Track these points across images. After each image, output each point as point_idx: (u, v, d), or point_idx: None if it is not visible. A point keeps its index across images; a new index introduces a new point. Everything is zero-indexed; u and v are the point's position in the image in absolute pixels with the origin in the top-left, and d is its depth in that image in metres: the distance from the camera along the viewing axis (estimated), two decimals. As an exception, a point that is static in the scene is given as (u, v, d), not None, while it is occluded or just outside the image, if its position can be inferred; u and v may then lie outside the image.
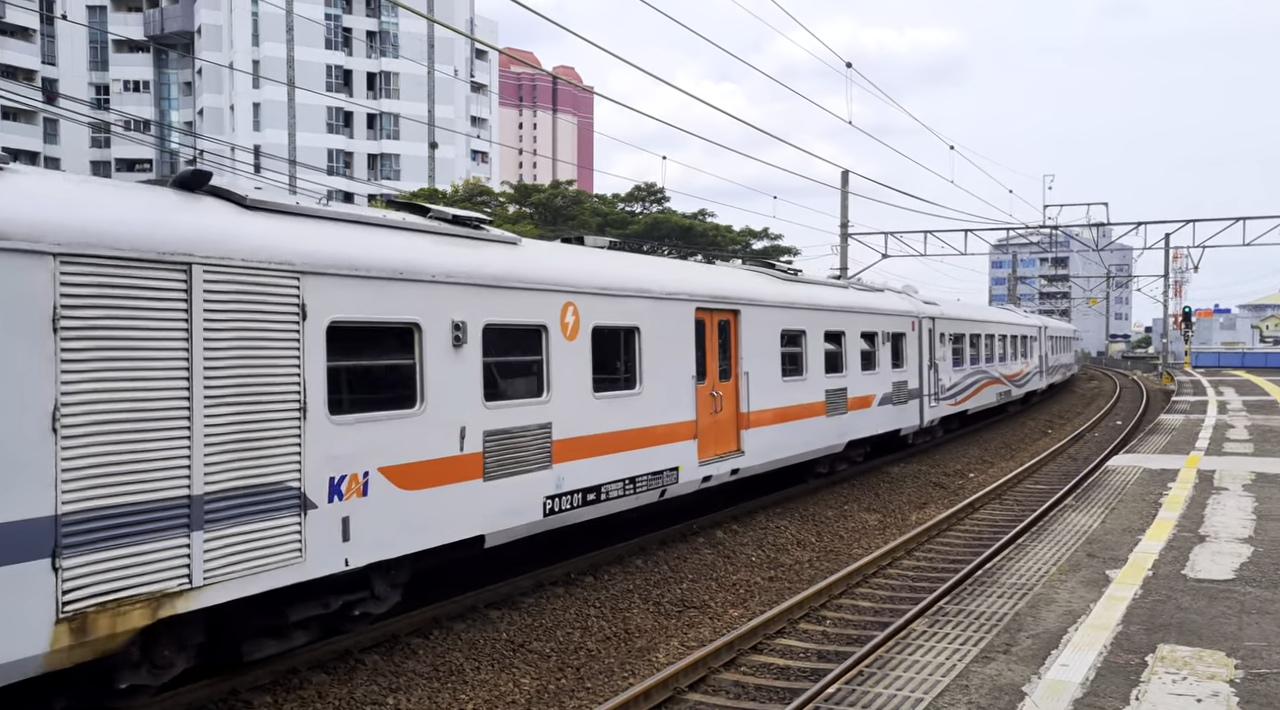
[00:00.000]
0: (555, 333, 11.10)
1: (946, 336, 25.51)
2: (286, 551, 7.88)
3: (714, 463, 14.33)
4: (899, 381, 21.61)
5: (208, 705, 8.17)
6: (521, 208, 59.29)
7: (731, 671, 9.63)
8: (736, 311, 15.05)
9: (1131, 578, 9.52)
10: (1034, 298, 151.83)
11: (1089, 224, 44.11)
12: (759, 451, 15.59)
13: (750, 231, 64.07)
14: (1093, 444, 28.58)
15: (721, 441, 14.56)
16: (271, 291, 7.87)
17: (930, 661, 7.22)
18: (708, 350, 14.31)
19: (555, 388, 11.06)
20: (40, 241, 6.40)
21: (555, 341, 11.09)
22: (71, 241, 6.55)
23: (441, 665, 9.42)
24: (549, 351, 10.98)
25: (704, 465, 14.02)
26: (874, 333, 20.30)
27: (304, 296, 8.14)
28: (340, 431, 8.45)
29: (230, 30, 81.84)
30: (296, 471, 8.00)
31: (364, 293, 8.74)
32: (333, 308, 8.42)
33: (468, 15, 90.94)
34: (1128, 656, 7.20)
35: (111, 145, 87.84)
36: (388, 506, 8.86)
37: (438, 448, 9.45)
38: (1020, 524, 15.91)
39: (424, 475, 9.28)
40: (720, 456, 14.50)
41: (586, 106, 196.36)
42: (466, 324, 9.87)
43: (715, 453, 14.39)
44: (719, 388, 14.52)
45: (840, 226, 38.95)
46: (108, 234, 6.78)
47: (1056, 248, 57.52)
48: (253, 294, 7.72)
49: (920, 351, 23.16)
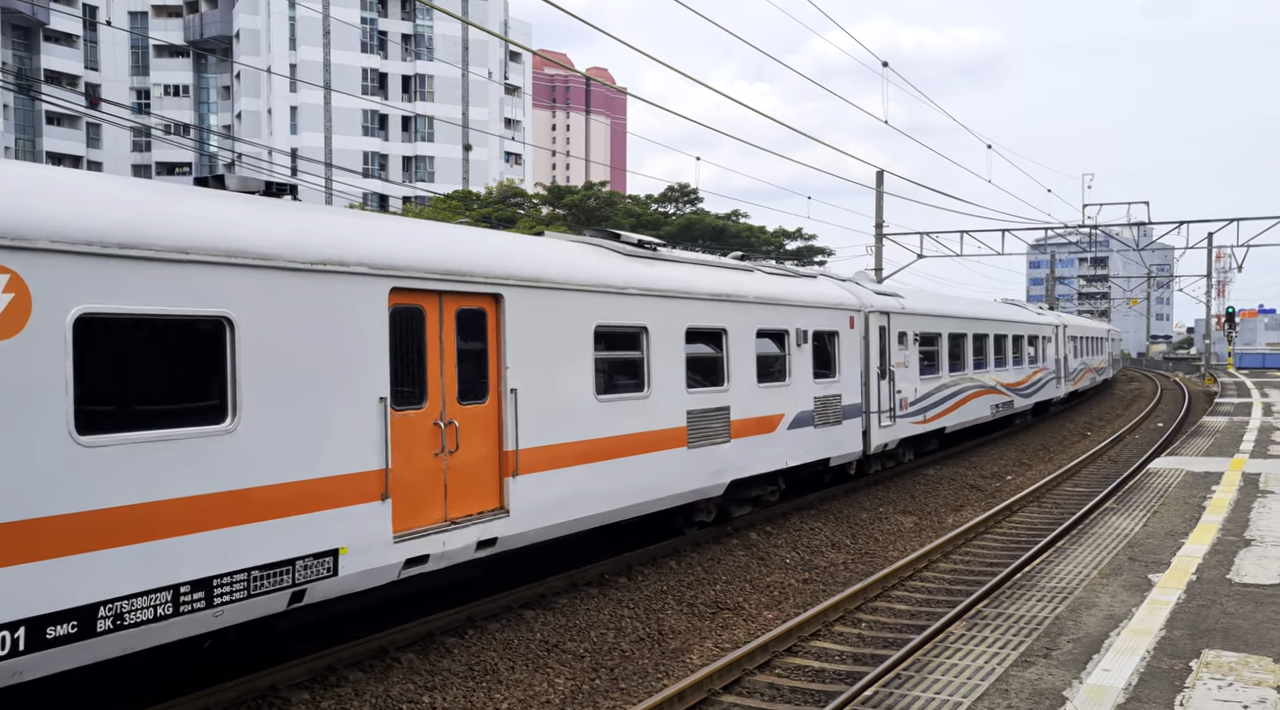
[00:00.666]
0: None
1: (911, 336, 20.67)
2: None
3: (435, 533, 9.20)
4: (827, 395, 16.63)
5: (246, 700, 8.25)
6: (555, 209, 59.45)
7: (766, 674, 9.57)
8: (497, 297, 10.09)
9: (1175, 582, 9.35)
10: (1073, 298, 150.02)
11: (1129, 223, 43.45)
12: (540, 509, 10.50)
13: (784, 232, 63.84)
14: (1133, 446, 28.16)
15: (459, 498, 9.59)
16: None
17: (969, 665, 7.14)
18: (430, 357, 9.37)
19: None
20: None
21: None
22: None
23: (476, 664, 9.44)
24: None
25: (404, 541, 8.89)
26: (783, 331, 15.42)
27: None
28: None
29: (268, 35, 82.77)
30: None
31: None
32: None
33: (502, 18, 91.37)
34: (1171, 662, 7.08)
35: (152, 149, 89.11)
36: None
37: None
38: (1059, 527, 15.70)
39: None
40: (452, 522, 9.43)
41: (620, 108, 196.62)
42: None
43: (439, 518, 9.34)
44: (458, 414, 9.60)
45: (875, 227, 38.70)
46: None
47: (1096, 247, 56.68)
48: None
49: (867, 355, 18.41)
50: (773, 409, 15.06)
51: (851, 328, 17.78)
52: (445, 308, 9.56)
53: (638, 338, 12.25)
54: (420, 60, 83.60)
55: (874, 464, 19.71)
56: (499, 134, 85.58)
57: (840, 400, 17.14)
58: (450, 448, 9.48)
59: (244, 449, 7.53)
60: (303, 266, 8.02)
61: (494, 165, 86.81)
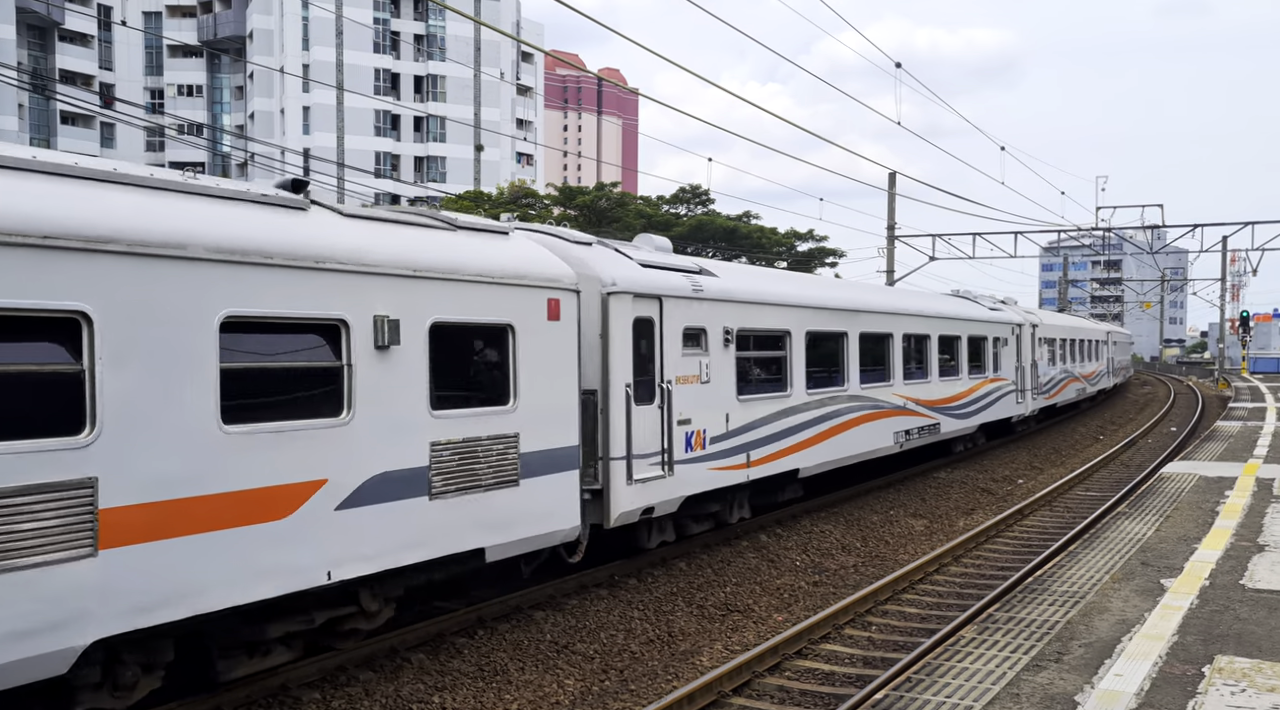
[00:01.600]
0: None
1: (720, 335, 13.75)
2: None
3: None
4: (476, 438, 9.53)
5: (257, 699, 8.27)
6: (566, 210, 59.52)
7: (776, 676, 9.56)
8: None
9: (1187, 587, 9.31)
10: (1086, 301, 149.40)
11: (1143, 226, 43.24)
12: None
13: (795, 233, 63.74)
14: (1146, 451, 28.04)
15: None
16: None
17: (980, 669, 7.12)
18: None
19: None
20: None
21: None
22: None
23: (486, 665, 9.46)
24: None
25: None
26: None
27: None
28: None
29: (281, 35, 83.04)
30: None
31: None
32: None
33: (514, 18, 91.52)
34: (1184, 667, 7.04)
35: (165, 148, 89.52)
36: None
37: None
38: (1071, 531, 15.64)
39: None
40: None
41: (631, 108, 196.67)
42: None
43: None
44: None
45: (887, 228, 38.62)
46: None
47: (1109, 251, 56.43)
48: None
49: (606, 365, 11.61)
50: (295, 476, 7.86)
51: (556, 319, 10.64)
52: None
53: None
54: (433, 60, 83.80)
55: (649, 535, 13.11)
56: (511, 134, 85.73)
57: (515, 445, 10.01)
58: None
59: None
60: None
61: (506, 165, 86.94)
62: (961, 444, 25.02)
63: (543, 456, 10.35)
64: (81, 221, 6.65)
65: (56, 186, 6.76)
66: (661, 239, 14.76)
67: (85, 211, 6.73)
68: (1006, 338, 26.77)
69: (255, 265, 7.62)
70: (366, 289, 8.48)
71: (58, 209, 6.59)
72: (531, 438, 10.20)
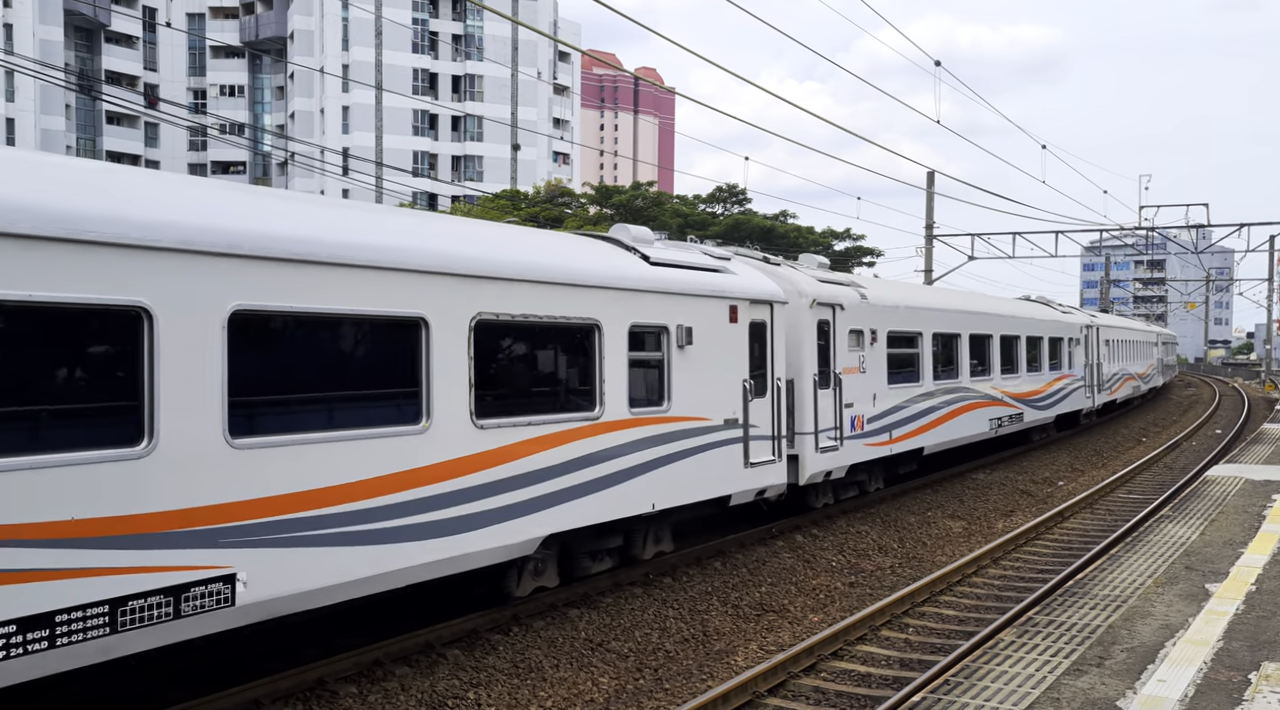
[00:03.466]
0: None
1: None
2: None
3: None
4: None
5: (295, 693, 8.35)
6: (602, 209, 59.58)
7: (812, 677, 9.50)
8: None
9: (1233, 592, 9.13)
10: (1128, 301, 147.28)
11: (1187, 225, 42.51)
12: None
13: (832, 232, 63.38)
14: (1190, 453, 27.56)
15: None
16: None
17: (1019, 673, 7.02)
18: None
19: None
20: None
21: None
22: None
23: (521, 662, 9.48)
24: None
25: None
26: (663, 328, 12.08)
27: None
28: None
29: (321, 35, 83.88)
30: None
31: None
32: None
33: (551, 18, 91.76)
34: (1229, 674, 6.91)
35: (208, 148, 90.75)
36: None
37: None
38: (1113, 534, 15.41)
39: None
40: None
41: (668, 107, 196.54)
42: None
43: None
44: None
45: (925, 228, 38.28)
46: None
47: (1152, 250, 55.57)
48: None
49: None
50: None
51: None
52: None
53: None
54: (470, 60, 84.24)
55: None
56: (547, 134, 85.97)
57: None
58: None
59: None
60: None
61: (542, 165, 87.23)
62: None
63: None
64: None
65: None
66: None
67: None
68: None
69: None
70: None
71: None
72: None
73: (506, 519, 9.51)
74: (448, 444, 8.92)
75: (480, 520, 9.22)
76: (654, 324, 11.65)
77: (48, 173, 6.72)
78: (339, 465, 7.95)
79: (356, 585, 8.11)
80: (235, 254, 7.28)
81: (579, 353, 10.59)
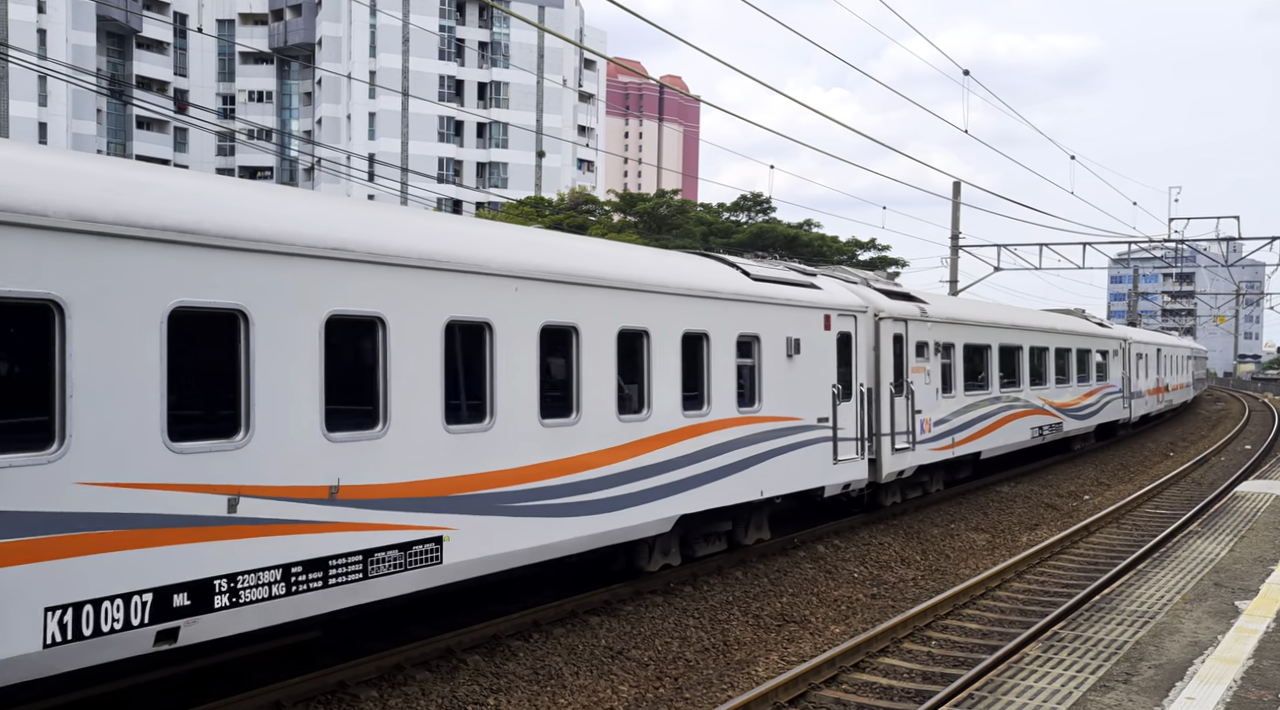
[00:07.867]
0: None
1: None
2: None
3: None
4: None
5: (316, 696, 8.37)
6: (626, 216, 59.65)
7: (833, 689, 9.42)
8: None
9: (1263, 610, 8.99)
10: (1156, 315, 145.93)
11: (1218, 238, 42.04)
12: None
13: (857, 242, 63.13)
14: (1219, 468, 27.22)
15: None
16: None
17: (1044, 688, 6.94)
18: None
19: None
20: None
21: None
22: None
23: (541, 668, 9.46)
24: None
25: None
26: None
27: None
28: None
29: (349, 42, 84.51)
30: None
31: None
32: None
33: (577, 25, 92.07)
34: (1260, 693, 6.79)
35: (236, 153, 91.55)
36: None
37: None
38: (1140, 549, 15.22)
39: None
40: None
41: (693, 115, 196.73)
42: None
43: None
44: None
45: (951, 238, 38.05)
46: None
47: (1181, 263, 55.10)
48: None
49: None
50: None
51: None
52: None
53: None
54: (496, 67, 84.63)
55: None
56: (572, 141, 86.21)
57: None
58: None
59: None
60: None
61: (567, 172, 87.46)
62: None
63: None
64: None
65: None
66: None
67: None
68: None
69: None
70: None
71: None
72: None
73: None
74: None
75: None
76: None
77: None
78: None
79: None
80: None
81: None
